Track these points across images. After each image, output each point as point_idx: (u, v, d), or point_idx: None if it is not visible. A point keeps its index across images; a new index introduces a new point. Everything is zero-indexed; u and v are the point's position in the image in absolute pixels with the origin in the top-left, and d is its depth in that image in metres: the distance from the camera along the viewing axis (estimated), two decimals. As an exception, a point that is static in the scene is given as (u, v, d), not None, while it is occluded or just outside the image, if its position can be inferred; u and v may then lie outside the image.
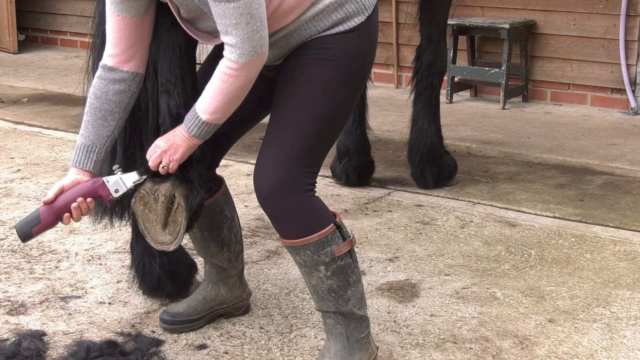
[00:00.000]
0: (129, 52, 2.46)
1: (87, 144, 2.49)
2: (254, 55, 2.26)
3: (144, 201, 2.55)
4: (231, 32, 2.23)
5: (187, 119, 2.41)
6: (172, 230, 2.56)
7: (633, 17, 6.29)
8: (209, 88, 2.34)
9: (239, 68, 2.27)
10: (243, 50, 2.24)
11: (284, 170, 2.40)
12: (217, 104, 2.34)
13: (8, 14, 8.77)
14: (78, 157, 2.49)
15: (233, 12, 2.19)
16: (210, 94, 2.34)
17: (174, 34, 2.51)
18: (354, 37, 2.42)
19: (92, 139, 2.49)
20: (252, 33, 2.23)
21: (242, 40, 2.23)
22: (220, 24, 2.24)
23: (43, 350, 2.75)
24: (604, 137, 5.68)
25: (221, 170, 3.96)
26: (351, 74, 2.45)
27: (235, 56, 2.25)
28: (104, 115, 2.49)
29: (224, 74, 2.29)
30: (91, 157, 2.49)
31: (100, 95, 2.49)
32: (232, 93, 2.32)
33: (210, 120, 2.38)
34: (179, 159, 2.45)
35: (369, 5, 2.45)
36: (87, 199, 2.45)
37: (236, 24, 2.21)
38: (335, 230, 2.46)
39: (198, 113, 2.37)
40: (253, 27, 2.22)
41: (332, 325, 2.57)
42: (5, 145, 5.35)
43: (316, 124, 2.42)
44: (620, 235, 3.86)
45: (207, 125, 2.39)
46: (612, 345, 2.84)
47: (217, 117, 2.38)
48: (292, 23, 2.38)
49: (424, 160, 4.49)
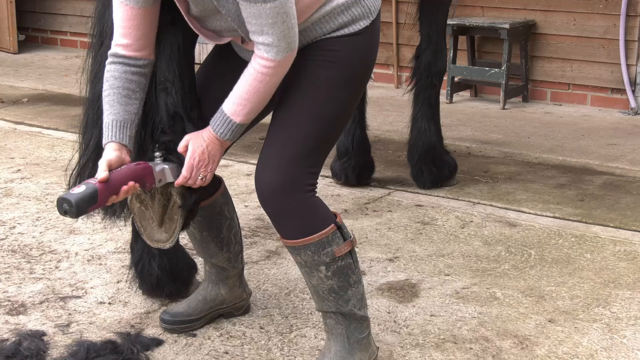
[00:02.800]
0: (139, 42, 2.46)
1: (118, 120, 2.44)
2: (289, 52, 2.30)
3: (140, 199, 2.55)
4: (267, 32, 2.25)
5: (217, 124, 2.41)
6: (168, 228, 2.56)
7: (633, 17, 6.29)
8: (240, 90, 2.35)
9: (275, 66, 2.30)
10: (280, 48, 2.27)
11: (285, 171, 2.40)
12: (252, 105, 2.37)
13: (8, 14, 8.77)
14: (113, 132, 2.43)
15: (270, 12, 2.22)
16: (244, 96, 2.35)
17: (172, 32, 2.51)
18: (358, 40, 2.44)
19: (122, 115, 2.44)
20: (288, 30, 2.26)
21: (279, 39, 2.26)
22: (254, 24, 2.25)
23: (43, 350, 2.75)
24: (604, 137, 5.68)
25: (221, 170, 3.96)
26: (353, 76, 2.46)
27: (272, 54, 2.28)
28: (127, 93, 2.47)
29: (260, 74, 2.31)
30: (126, 133, 2.45)
31: (119, 76, 2.46)
32: (267, 91, 2.35)
33: (244, 122, 2.41)
34: (214, 168, 2.49)
35: (374, 10, 2.48)
36: (136, 183, 2.37)
37: (273, 23, 2.23)
38: (335, 230, 2.47)
39: (230, 117, 2.39)
40: (288, 25, 2.26)
41: (333, 326, 2.57)
42: (5, 145, 5.35)
43: (318, 125, 2.43)
44: (620, 235, 3.86)
45: (240, 127, 2.42)
46: (612, 345, 2.84)
47: (250, 118, 2.41)
48: (301, 24, 2.39)
49: (423, 160, 4.49)
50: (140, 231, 2.59)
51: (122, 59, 2.46)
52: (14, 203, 4.25)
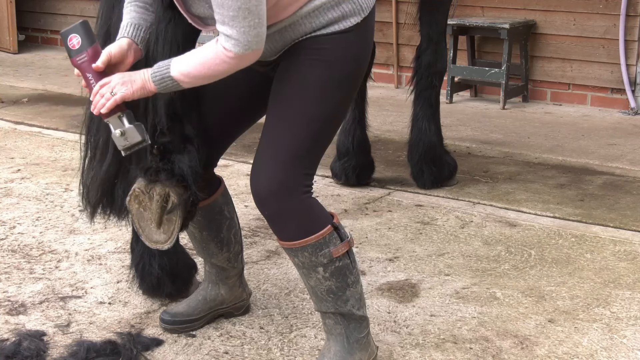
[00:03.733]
0: None
1: (134, 22, 2.47)
2: (248, 50, 2.26)
3: (138, 200, 2.55)
4: (228, 23, 2.23)
5: (157, 65, 2.37)
6: (167, 229, 2.56)
7: (633, 17, 6.29)
8: (194, 53, 2.32)
9: (233, 57, 2.27)
10: (239, 43, 2.24)
11: (280, 173, 2.40)
12: (194, 72, 2.32)
13: (8, 14, 8.77)
14: (127, 30, 2.46)
15: (232, 4, 2.19)
16: (193, 59, 2.31)
17: (172, 31, 2.51)
18: (349, 37, 2.42)
19: (138, 20, 2.48)
20: (249, 28, 2.23)
21: (239, 33, 2.23)
22: (218, 13, 2.24)
23: (43, 350, 2.75)
24: (604, 137, 5.68)
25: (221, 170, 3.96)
26: (346, 74, 2.44)
27: (230, 46, 2.25)
28: (145, 6, 2.50)
29: (215, 54, 2.28)
30: (139, 35, 2.47)
31: None
32: (213, 71, 2.31)
33: (177, 79, 2.34)
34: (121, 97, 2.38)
35: (366, 7, 2.45)
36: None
37: (233, 17, 2.21)
38: (332, 231, 2.46)
39: (170, 66, 2.34)
40: (250, 23, 2.22)
41: (332, 326, 2.57)
42: (5, 145, 5.35)
43: (312, 125, 2.42)
44: (620, 235, 3.86)
45: (171, 81, 2.35)
46: (612, 345, 2.84)
47: (185, 82, 2.35)
48: (288, 18, 2.38)
49: (423, 160, 4.49)
50: (139, 232, 2.59)
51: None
52: (14, 203, 4.25)
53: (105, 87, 2.39)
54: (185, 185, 2.55)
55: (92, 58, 2.40)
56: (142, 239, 2.60)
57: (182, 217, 2.54)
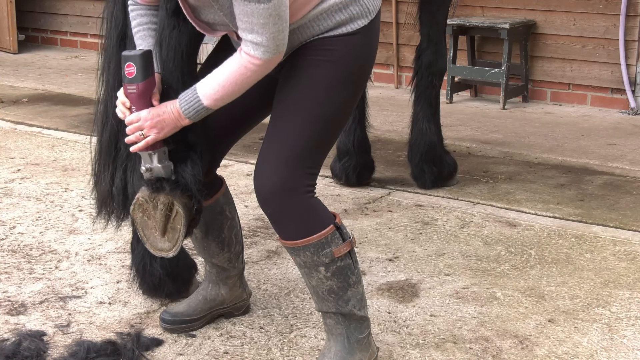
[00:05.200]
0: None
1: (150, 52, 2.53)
2: (276, 53, 2.30)
3: (142, 208, 2.55)
4: (257, 31, 2.25)
5: (185, 100, 2.41)
6: (171, 237, 2.56)
7: (633, 17, 6.29)
8: (218, 75, 2.35)
9: (260, 64, 2.31)
10: (268, 49, 2.27)
11: (284, 172, 2.40)
12: (225, 92, 2.36)
13: (8, 14, 8.76)
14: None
15: (263, 12, 2.22)
16: (221, 82, 2.35)
17: (176, 38, 2.51)
18: (356, 39, 2.43)
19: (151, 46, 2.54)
20: (278, 33, 2.26)
21: (268, 40, 2.26)
22: (245, 22, 2.26)
23: (43, 350, 2.75)
24: (604, 137, 5.68)
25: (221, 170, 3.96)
26: (352, 76, 2.45)
27: (260, 53, 2.28)
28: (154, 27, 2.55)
29: (243, 67, 2.31)
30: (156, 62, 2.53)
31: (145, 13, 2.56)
32: (244, 84, 2.36)
33: (211, 106, 2.40)
34: (157, 137, 2.45)
35: (373, 10, 2.46)
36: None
37: (264, 24, 2.24)
38: (334, 231, 2.46)
39: (200, 97, 2.38)
40: (279, 28, 2.26)
41: (333, 326, 2.57)
42: (5, 145, 5.35)
43: (316, 125, 2.42)
44: (620, 235, 3.86)
45: (205, 110, 2.41)
46: (612, 345, 2.84)
47: (219, 104, 2.41)
48: (297, 21, 2.39)
49: (424, 160, 4.49)
50: (143, 240, 2.60)
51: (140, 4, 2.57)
52: (14, 203, 4.25)
53: (135, 126, 2.44)
54: (189, 194, 2.55)
55: (144, 92, 2.45)
56: (147, 247, 2.60)
57: (187, 225, 2.55)
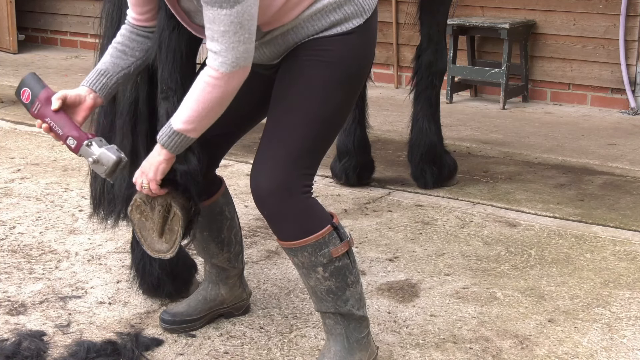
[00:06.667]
0: (144, 16, 2.56)
1: (101, 69, 2.55)
2: (235, 67, 2.24)
3: (140, 210, 2.55)
4: (217, 39, 2.22)
5: (161, 134, 2.40)
6: (169, 238, 2.56)
7: (633, 17, 6.29)
8: (187, 96, 2.34)
9: (219, 77, 2.26)
10: (226, 60, 2.23)
11: (281, 172, 2.40)
12: (192, 113, 2.32)
13: (8, 14, 8.76)
14: (90, 77, 2.54)
15: (224, 19, 2.19)
16: (188, 103, 2.33)
17: (176, 39, 2.50)
18: (351, 39, 2.42)
19: (108, 65, 2.55)
20: (238, 44, 2.22)
21: (227, 49, 2.22)
22: (208, 29, 2.23)
23: (43, 350, 2.75)
24: (604, 137, 5.68)
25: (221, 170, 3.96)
26: (348, 76, 2.44)
27: (217, 64, 2.24)
28: (124, 50, 2.57)
29: (203, 82, 2.29)
30: (101, 80, 2.53)
31: (125, 34, 2.58)
32: (207, 103, 2.30)
33: (182, 131, 2.35)
34: (153, 178, 2.45)
35: (368, 9, 2.45)
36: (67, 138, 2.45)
37: (224, 32, 2.20)
38: (332, 231, 2.46)
39: (171, 122, 2.37)
40: (240, 38, 2.21)
41: (332, 326, 2.57)
42: (5, 145, 5.35)
43: (313, 126, 2.42)
44: (620, 235, 3.86)
45: (177, 136, 2.36)
46: (612, 345, 2.84)
47: (190, 128, 2.35)
48: (291, 21, 2.38)
49: (424, 160, 4.50)
50: (141, 242, 2.59)
51: (131, 25, 2.59)
52: (14, 203, 4.25)
53: (137, 183, 2.47)
54: (187, 195, 2.55)
55: (46, 102, 2.46)
56: (144, 248, 2.60)
57: (184, 227, 2.54)
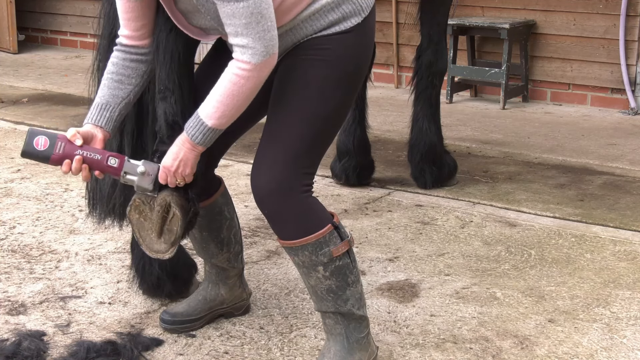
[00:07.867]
0: (138, 33, 2.51)
1: (101, 103, 2.52)
2: (266, 56, 2.25)
3: (139, 210, 2.55)
4: (242, 33, 2.22)
5: (190, 127, 2.38)
6: (167, 239, 2.56)
7: (633, 17, 6.29)
8: (215, 92, 2.32)
9: (251, 69, 2.25)
10: (255, 51, 2.23)
11: (281, 172, 2.40)
12: (225, 108, 2.32)
13: (8, 14, 8.76)
14: (92, 114, 2.51)
15: (243, 11, 2.19)
16: (218, 98, 2.31)
17: (173, 40, 2.50)
18: (349, 37, 2.42)
19: (107, 98, 2.52)
20: (264, 32, 2.22)
21: (254, 40, 2.22)
22: (229, 25, 2.23)
23: (43, 350, 2.75)
24: (604, 137, 5.68)
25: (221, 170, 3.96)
26: (347, 74, 2.44)
27: (248, 57, 2.23)
28: (121, 79, 2.53)
29: (235, 76, 2.27)
30: (104, 115, 2.51)
31: (117, 62, 2.53)
32: (241, 95, 2.30)
33: (216, 126, 2.35)
34: (190, 173, 2.46)
35: (366, 7, 2.45)
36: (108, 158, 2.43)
37: (246, 24, 2.20)
38: (332, 230, 2.46)
39: (203, 119, 2.35)
40: (264, 27, 2.22)
41: (332, 326, 2.57)
42: (5, 145, 5.35)
43: (312, 125, 2.42)
44: (620, 235, 3.86)
45: (212, 132, 2.37)
46: (612, 345, 2.84)
47: (223, 122, 2.36)
48: (289, 22, 2.38)
49: (424, 160, 4.49)
50: (139, 242, 2.59)
51: (124, 47, 2.53)
52: (14, 203, 4.25)
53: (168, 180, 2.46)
54: (186, 196, 2.55)
55: (67, 140, 2.43)
56: (143, 248, 2.60)
57: (183, 227, 2.54)
